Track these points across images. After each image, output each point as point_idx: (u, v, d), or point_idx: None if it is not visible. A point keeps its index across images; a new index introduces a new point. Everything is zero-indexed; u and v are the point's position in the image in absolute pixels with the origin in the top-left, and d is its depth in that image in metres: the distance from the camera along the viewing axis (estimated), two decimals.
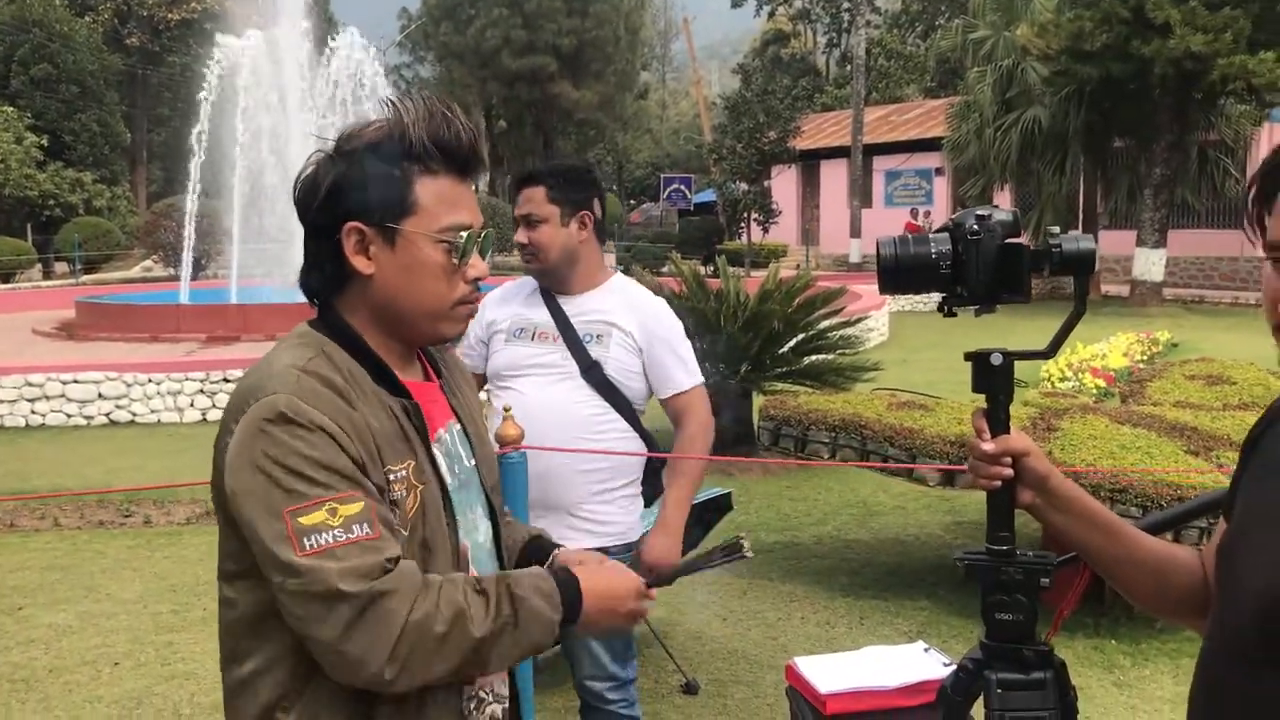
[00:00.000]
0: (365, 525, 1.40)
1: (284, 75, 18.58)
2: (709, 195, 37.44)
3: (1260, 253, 1.25)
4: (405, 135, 1.51)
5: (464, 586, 1.46)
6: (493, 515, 1.69)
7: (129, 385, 10.66)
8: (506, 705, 1.67)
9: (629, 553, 3.09)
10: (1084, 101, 21.48)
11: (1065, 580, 1.68)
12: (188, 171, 18.60)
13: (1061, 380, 10.89)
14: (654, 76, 68.03)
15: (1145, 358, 12.78)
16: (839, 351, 8.43)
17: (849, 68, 42.33)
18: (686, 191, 33.83)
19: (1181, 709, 4.17)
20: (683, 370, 3.12)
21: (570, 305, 3.05)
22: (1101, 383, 10.88)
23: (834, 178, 34.22)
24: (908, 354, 14.50)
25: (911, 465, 5.11)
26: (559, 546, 1.77)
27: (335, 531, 1.38)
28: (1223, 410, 5.73)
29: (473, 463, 1.65)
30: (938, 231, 1.52)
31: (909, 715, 2.74)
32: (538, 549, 1.77)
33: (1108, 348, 12.50)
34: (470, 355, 3.21)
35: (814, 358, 8.22)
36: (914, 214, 28.46)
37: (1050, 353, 1.57)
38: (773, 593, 5.56)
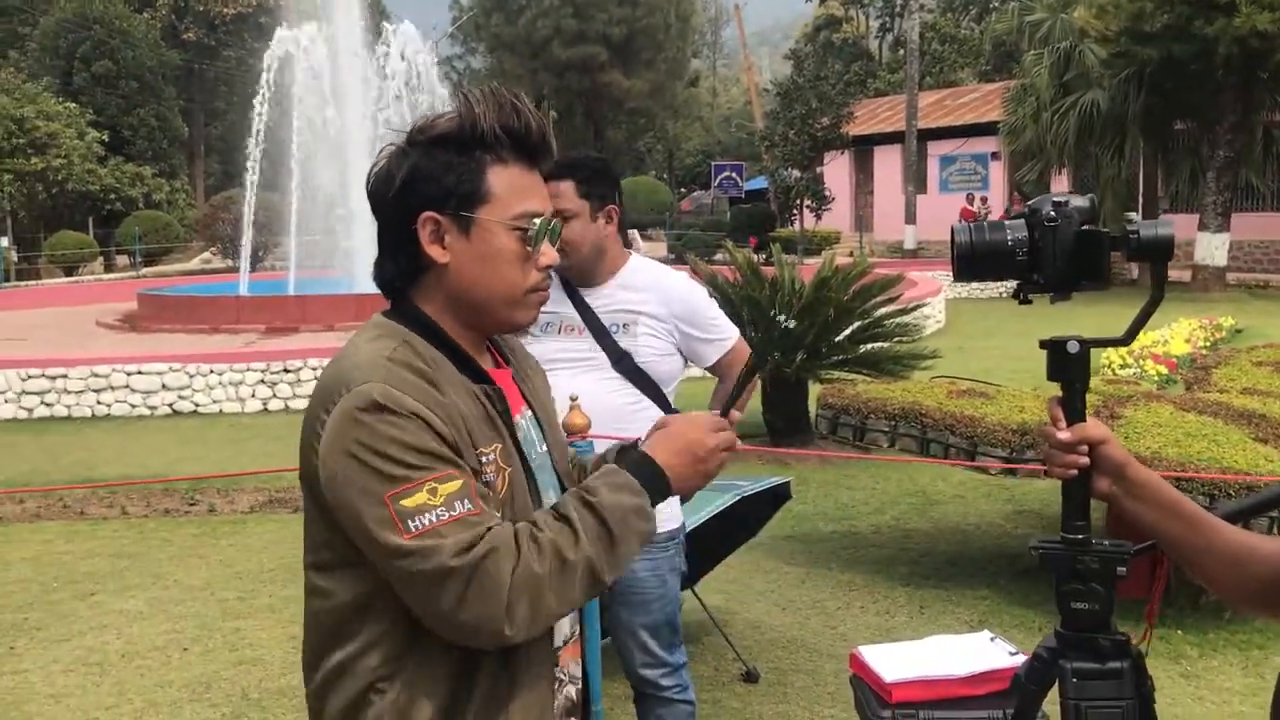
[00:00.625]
0: (466, 501, 1.43)
1: (339, 68, 18.75)
2: (760, 183, 37.30)
3: None
4: (476, 125, 1.53)
5: (544, 520, 1.48)
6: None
7: (191, 376, 10.84)
8: (580, 686, 1.69)
9: (673, 541, 3.11)
10: (1144, 83, 21.10)
11: (1139, 572, 1.66)
12: (244, 165, 18.85)
13: (1123, 367, 10.72)
14: (704, 64, 67.83)
15: (1208, 344, 12.55)
16: (896, 339, 8.36)
17: (902, 52, 41.90)
18: (738, 179, 33.73)
19: (1252, 700, 4.12)
20: (719, 332, 3.20)
21: (593, 297, 3.05)
22: (1164, 369, 10.70)
23: (888, 163, 33.92)
24: (964, 341, 14.37)
25: (972, 460, 5.07)
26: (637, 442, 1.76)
27: (438, 510, 1.41)
28: None
29: (544, 448, 1.67)
30: (1013, 218, 1.51)
31: (975, 704, 2.73)
32: (624, 453, 1.73)
33: (1169, 334, 12.29)
34: None
35: (871, 346, 8.16)
36: (970, 200, 28.19)
37: (1128, 340, 1.56)
38: (832, 582, 5.55)
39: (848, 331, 8.09)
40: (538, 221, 1.57)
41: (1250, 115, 21.07)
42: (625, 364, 3.01)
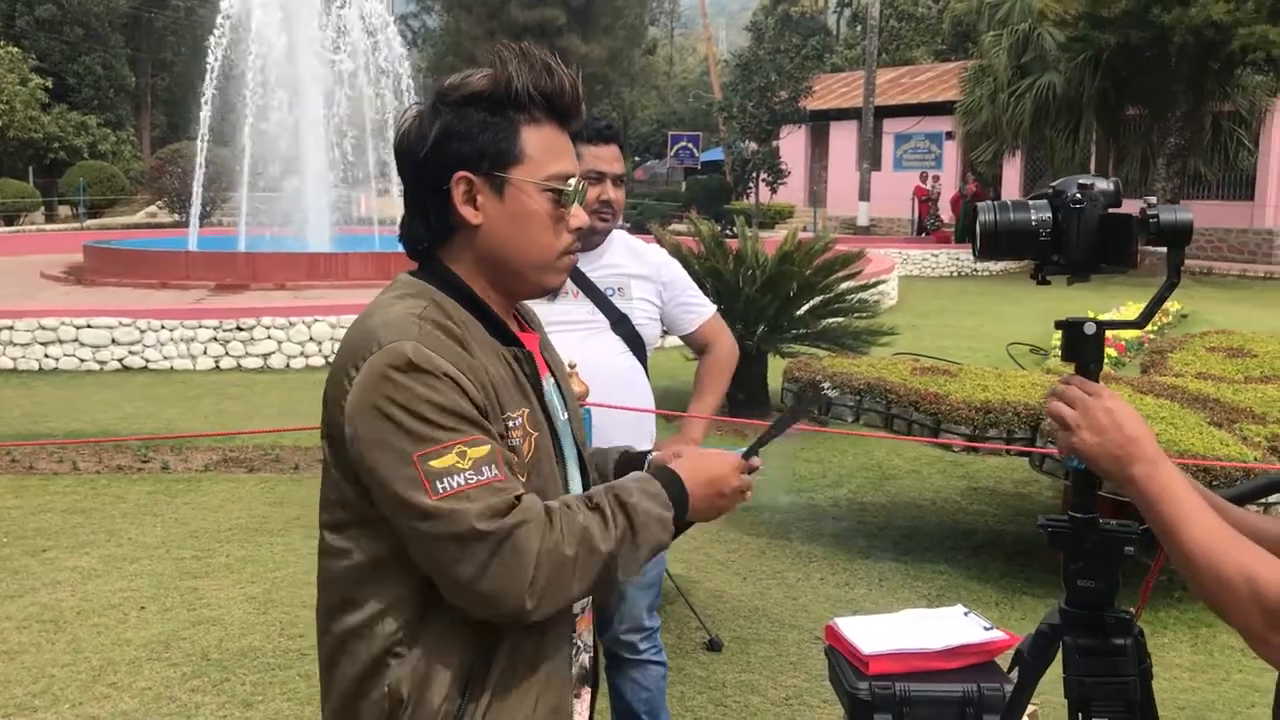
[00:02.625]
0: (493, 467, 1.42)
1: (293, 20, 18.39)
2: (716, 154, 37.24)
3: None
4: (510, 84, 1.51)
5: (579, 506, 1.48)
6: (583, 468, 1.70)
7: (142, 331, 10.66)
8: (592, 654, 1.69)
9: None
10: (1100, 68, 21.33)
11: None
12: (192, 117, 18.45)
13: None
14: (662, 32, 67.44)
15: (1155, 328, 12.78)
16: (855, 315, 8.42)
17: (860, 28, 41.93)
18: (694, 150, 33.63)
19: (1201, 677, 4.22)
20: (700, 300, 3.31)
21: (583, 262, 3.08)
22: (1113, 352, 10.89)
23: (843, 139, 34.01)
24: (916, 319, 14.50)
25: (935, 437, 5.12)
26: (650, 453, 1.78)
27: (466, 474, 1.40)
28: (1244, 383, 5.74)
29: (566, 416, 1.67)
30: (1036, 198, 1.51)
31: (950, 677, 2.77)
32: (631, 460, 1.78)
33: (1118, 318, 12.49)
34: None
35: (831, 321, 8.22)
36: (924, 178, 28.35)
37: (1142, 323, 1.58)
38: (791, 553, 5.60)
39: (809, 305, 8.14)
40: (572, 183, 1.56)
41: (1201, 105, 21.38)
42: (623, 326, 3.05)
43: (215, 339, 10.81)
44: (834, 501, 6.54)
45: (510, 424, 1.50)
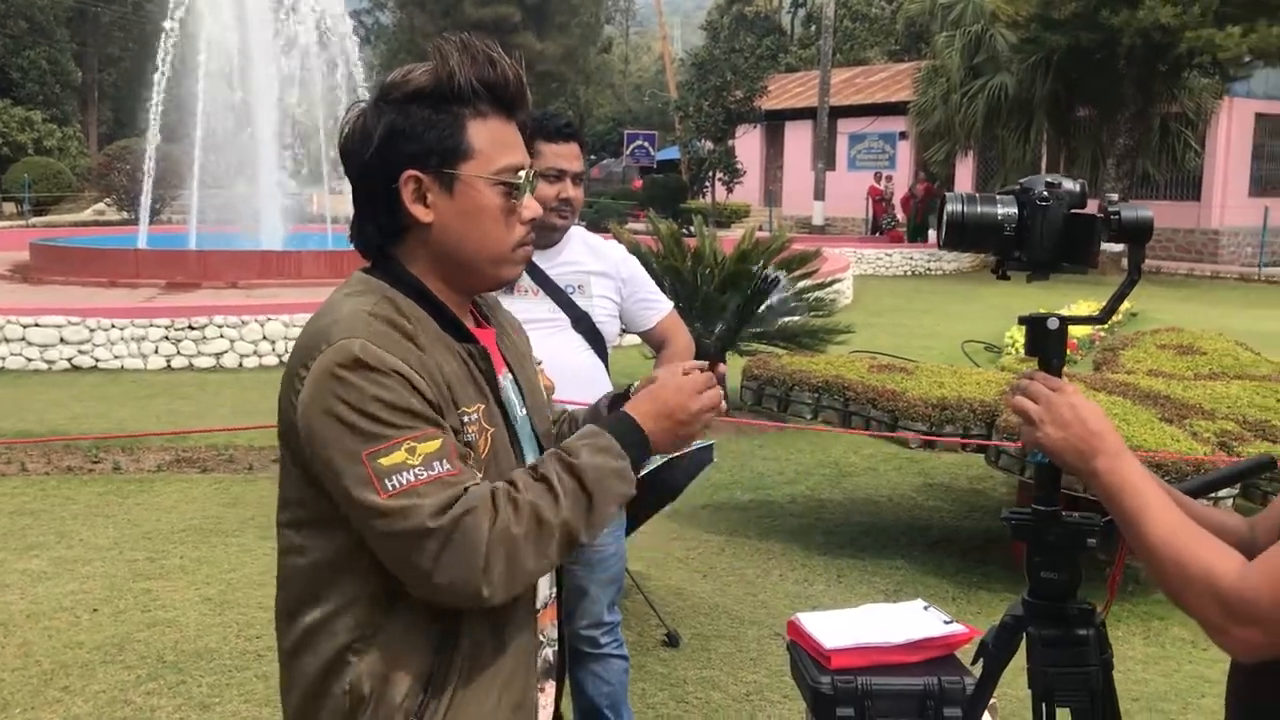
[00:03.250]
0: (445, 462, 1.41)
1: (245, 15, 18.18)
2: (672, 153, 37.29)
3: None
4: (453, 78, 1.49)
5: (523, 480, 1.46)
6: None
7: (92, 330, 10.49)
8: (556, 649, 1.69)
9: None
10: (1050, 70, 21.61)
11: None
12: (140, 113, 18.18)
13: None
14: (617, 30, 67.42)
15: (1107, 326, 12.96)
16: (813, 314, 8.47)
17: (814, 28, 42.16)
18: (650, 148, 33.67)
19: (1154, 669, 4.29)
20: (658, 297, 3.33)
21: (542, 259, 3.07)
22: (1023, 353, 11.02)
23: (798, 139, 34.17)
24: (871, 317, 14.60)
25: (893, 433, 5.17)
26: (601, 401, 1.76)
27: (416, 470, 1.39)
28: (1194, 380, 5.84)
29: (524, 411, 1.66)
30: (1003, 194, 1.53)
31: (911, 671, 2.79)
32: (618, 401, 1.73)
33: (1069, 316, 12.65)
34: None
35: (788, 319, 8.26)
36: (878, 178, 28.55)
37: (1104, 319, 1.60)
38: (750, 550, 5.62)
39: (767, 304, 8.17)
40: (522, 174, 1.55)
41: (1149, 106, 21.73)
42: (584, 324, 3.05)
43: (167, 338, 10.67)
44: (791, 498, 6.57)
45: (465, 419, 1.49)
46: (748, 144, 33.54)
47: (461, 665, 1.50)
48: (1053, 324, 1.55)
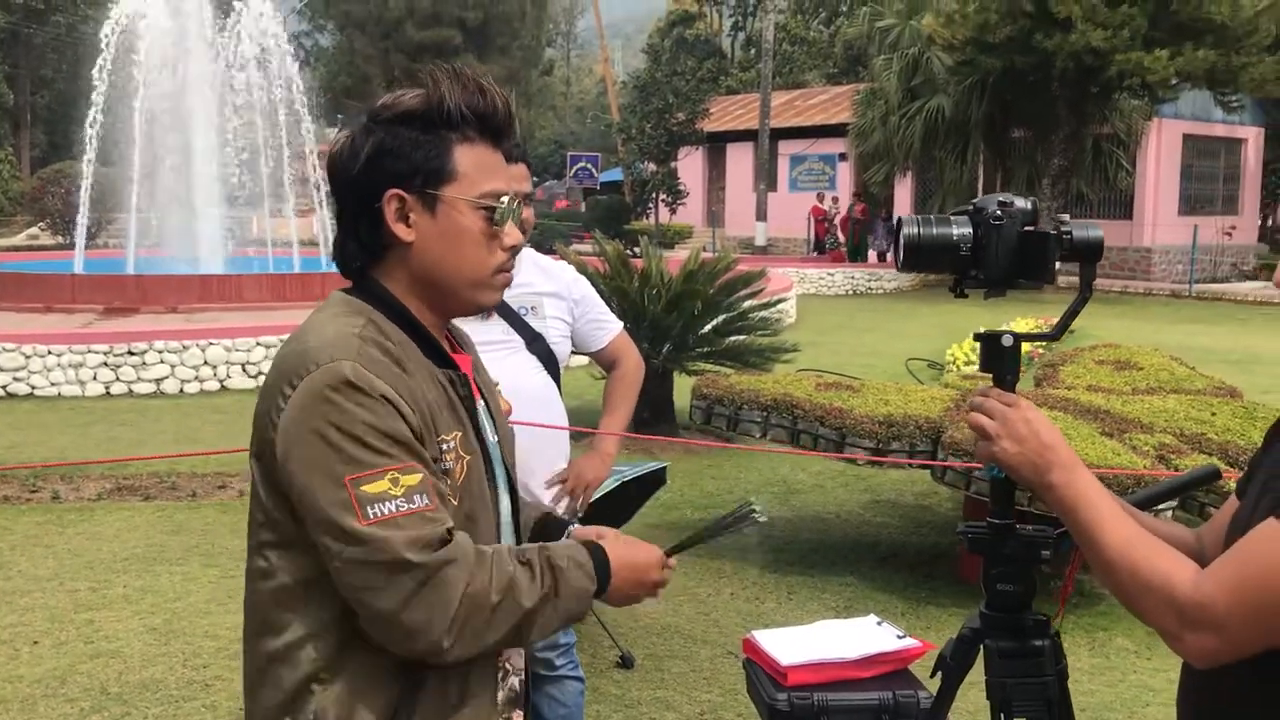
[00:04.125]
0: (424, 495, 1.41)
1: (183, 37, 17.99)
2: (615, 174, 37.41)
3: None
4: (443, 103, 1.52)
5: (510, 557, 1.48)
6: (512, 490, 1.70)
7: (28, 357, 10.28)
8: (522, 677, 1.69)
9: (576, 517, 3.16)
10: (986, 92, 22.04)
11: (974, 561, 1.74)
12: (75, 136, 17.89)
13: (967, 364, 11.18)
14: (559, 53, 67.64)
15: (1044, 345, 13.19)
16: (758, 333, 8.53)
17: (754, 51, 42.56)
18: (593, 170, 33.74)
19: (1100, 679, 4.35)
20: (608, 317, 3.36)
21: None
22: (978, 369, 11.19)
23: (740, 161, 34.46)
24: (816, 336, 14.73)
25: (840, 451, 5.22)
26: (571, 523, 1.78)
27: (398, 501, 1.39)
28: (1132, 394, 5.96)
29: (496, 438, 1.66)
30: (957, 214, 1.57)
31: (866, 686, 2.82)
32: (549, 524, 1.80)
33: (1032, 330, 12.87)
34: None
35: (735, 338, 8.32)
36: (820, 199, 28.83)
37: (1056, 335, 1.64)
38: (701, 569, 5.64)
39: (713, 324, 8.23)
40: (504, 200, 1.56)
41: (1082, 127, 22.21)
42: (538, 345, 3.05)
43: (105, 364, 10.48)
44: None
45: (444, 447, 1.50)
46: (690, 165, 33.76)
47: (426, 702, 1.49)
48: (1007, 340, 1.59)
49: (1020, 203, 1.54)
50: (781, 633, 3.05)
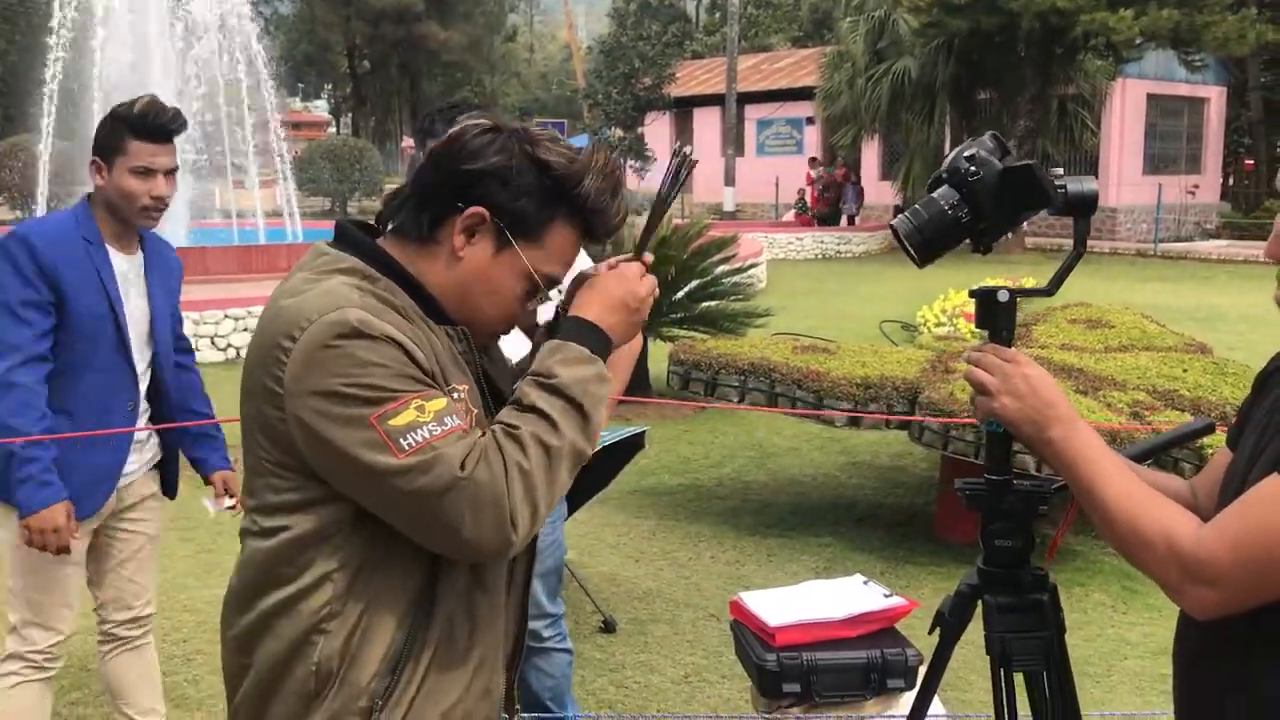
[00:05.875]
0: (453, 417, 1.40)
1: (142, 5, 17.68)
2: (581, 140, 37.20)
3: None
4: (581, 181, 1.50)
5: (514, 416, 1.44)
6: None
7: None
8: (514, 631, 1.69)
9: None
10: (953, 53, 22.03)
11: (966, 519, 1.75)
12: (32, 109, 17.57)
13: (937, 325, 11.22)
14: (521, 19, 67.02)
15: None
16: (731, 298, 8.53)
17: (718, 15, 42.34)
18: (559, 137, 33.50)
19: (1077, 634, 4.40)
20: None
21: None
22: (974, 326, 11.25)
23: (707, 126, 34.31)
24: (787, 300, 14.73)
25: (818, 411, 5.23)
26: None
27: (430, 426, 1.37)
28: (1105, 352, 6.00)
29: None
30: (934, 186, 1.56)
31: (853, 645, 2.84)
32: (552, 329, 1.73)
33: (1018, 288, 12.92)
34: None
35: (708, 304, 8.31)
36: (812, 163, 28.44)
37: (1051, 290, 1.63)
38: (680, 534, 5.65)
39: (686, 289, 8.21)
40: (555, 295, 1.59)
41: (1047, 88, 22.25)
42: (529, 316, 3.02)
43: None
44: (719, 481, 6.62)
45: (455, 396, 1.46)
46: (657, 131, 33.58)
47: (434, 646, 1.48)
48: (1003, 296, 1.59)
49: (985, 146, 1.54)
50: (768, 594, 3.07)
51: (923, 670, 1.91)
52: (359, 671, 1.45)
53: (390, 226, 1.56)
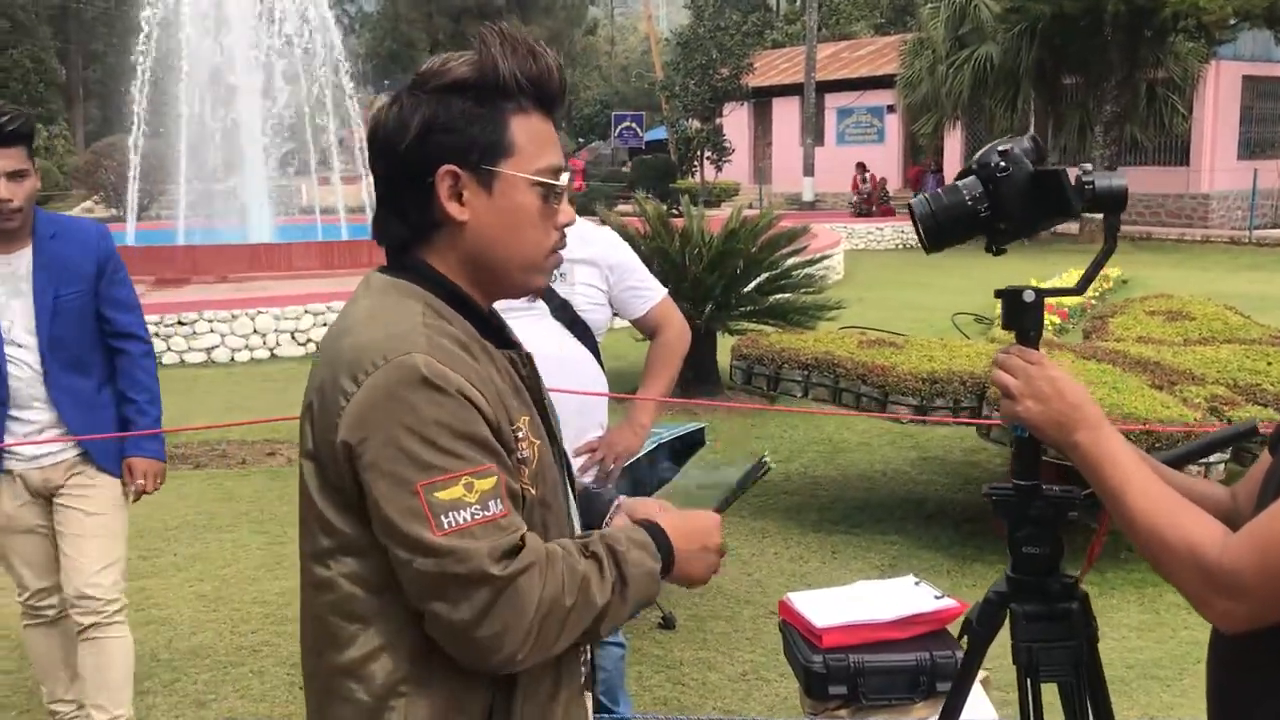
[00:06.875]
0: (499, 501, 1.33)
1: (227, 6, 18.07)
2: (660, 133, 37.19)
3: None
4: (497, 70, 1.41)
5: (578, 554, 1.40)
6: (568, 470, 1.63)
7: None
8: (588, 656, 1.64)
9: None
10: (1036, 38, 21.56)
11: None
12: (126, 110, 18.07)
13: None
14: (602, 12, 67.12)
15: (1097, 294, 12.96)
16: (802, 290, 8.45)
17: (799, 3, 41.97)
18: (638, 129, 33.56)
19: (1149, 635, 4.28)
20: (650, 284, 3.27)
21: None
22: (1056, 319, 11.02)
23: (786, 116, 34.08)
24: (863, 292, 14.57)
25: (883, 409, 5.15)
26: (615, 498, 1.71)
27: (473, 509, 1.31)
28: (1184, 345, 5.83)
29: (556, 417, 1.60)
30: (962, 176, 1.51)
31: (902, 647, 2.79)
32: (590, 499, 1.70)
33: (1060, 284, 12.65)
34: None
35: (778, 297, 8.24)
36: (859, 168, 28.17)
37: (1081, 289, 1.59)
38: (744, 529, 5.62)
39: (756, 282, 8.16)
40: (564, 177, 1.47)
41: (1135, 72, 21.68)
42: (565, 312, 3.01)
43: (157, 334, 10.61)
44: (785, 476, 6.57)
45: (518, 434, 1.41)
46: (735, 122, 33.44)
47: (520, 700, 1.42)
48: (1028, 296, 1.54)
49: (1021, 144, 1.48)
50: (817, 594, 3.03)
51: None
52: None
53: (400, 244, 1.48)
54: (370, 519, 1.35)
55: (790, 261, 8.41)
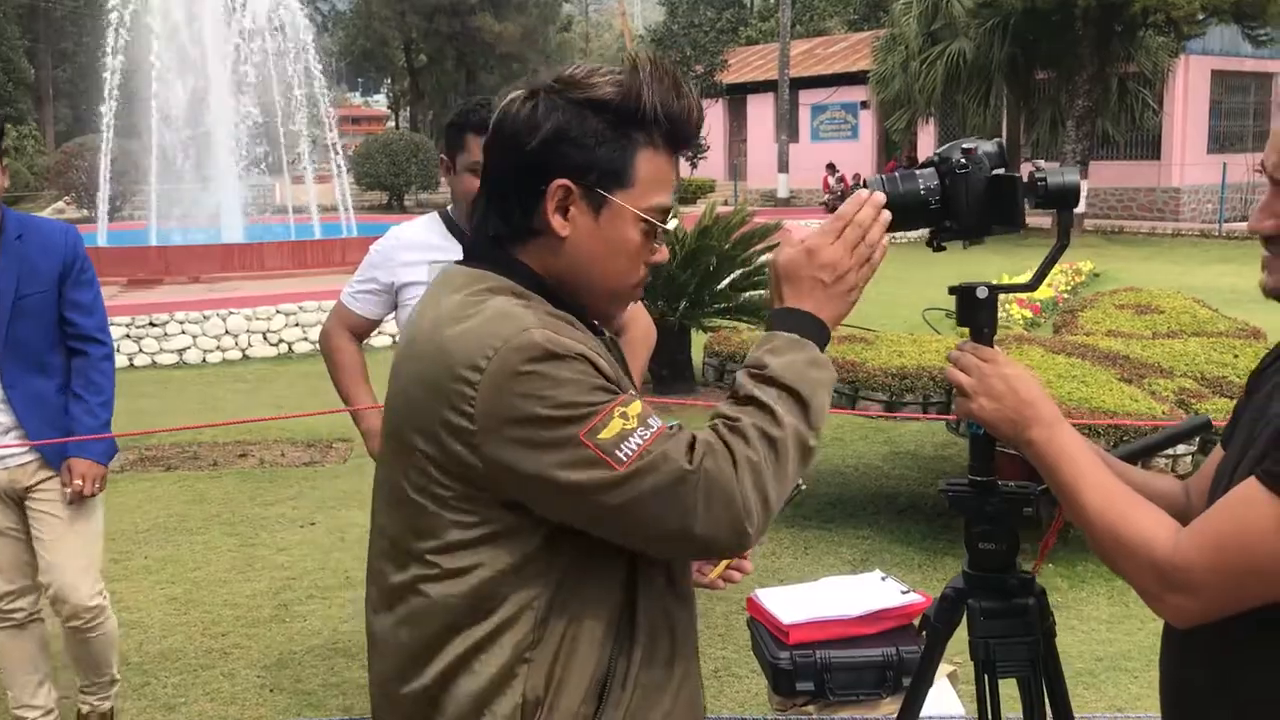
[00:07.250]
0: (654, 418, 1.34)
1: (198, 5, 17.94)
2: None
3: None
4: (640, 99, 1.38)
5: (730, 409, 1.37)
6: None
7: None
8: None
9: None
10: (1008, 33, 21.68)
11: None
12: (97, 110, 17.92)
13: None
14: (576, 8, 67.06)
15: (1069, 288, 13.05)
16: None
17: (772, 1, 42.02)
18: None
19: (1118, 628, 4.32)
20: None
21: None
22: (1028, 313, 11.09)
23: (760, 112, 34.14)
24: None
25: (853, 405, 5.17)
26: None
27: (639, 433, 1.30)
28: (1152, 339, 5.88)
29: None
30: (922, 167, 1.51)
31: (869, 642, 2.81)
32: None
33: (1019, 280, 12.74)
34: (365, 300, 3.20)
35: (751, 294, 8.25)
36: (831, 169, 28.36)
37: (1034, 286, 1.59)
38: None
39: (729, 279, 8.17)
40: (673, 224, 1.47)
41: (1106, 67, 21.82)
42: None
43: (128, 336, 10.55)
44: None
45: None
46: (710, 118, 33.41)
47: (638, 664, 1.43)
48: (982, 293, 1.54)
49: (986, 147, 1.48)
50: (784, 591, 3.04)
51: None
52: (567, 697, 1.39)
53: (493, 239, 1.47)
54: (523, 498, 1.35)
55: (764, 258, 8.41)
